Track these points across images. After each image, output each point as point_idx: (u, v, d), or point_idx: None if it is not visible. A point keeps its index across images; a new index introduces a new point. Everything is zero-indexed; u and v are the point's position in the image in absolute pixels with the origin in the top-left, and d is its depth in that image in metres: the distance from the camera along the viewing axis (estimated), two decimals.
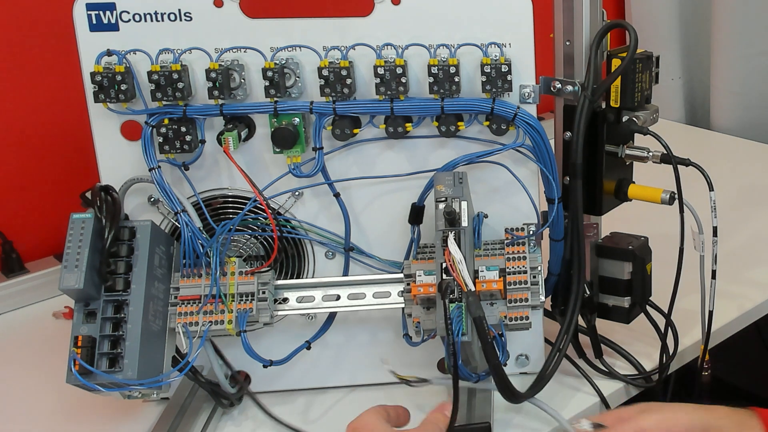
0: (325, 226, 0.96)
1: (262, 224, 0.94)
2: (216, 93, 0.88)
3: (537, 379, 0.92)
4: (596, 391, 1.00)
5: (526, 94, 0.90)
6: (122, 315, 0.85)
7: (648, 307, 1.01)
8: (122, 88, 0.88)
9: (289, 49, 0.89)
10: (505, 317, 0.87)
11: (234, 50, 0.89)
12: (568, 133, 0.92)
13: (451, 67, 0.87)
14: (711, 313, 0.99)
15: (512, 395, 0.87)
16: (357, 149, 0.93)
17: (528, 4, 0.87)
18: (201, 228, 0.90)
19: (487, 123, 0.89)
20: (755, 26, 1.77)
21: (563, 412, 0.94)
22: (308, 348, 0.97)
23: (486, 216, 0.93)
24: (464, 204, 0.85)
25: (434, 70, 0.87)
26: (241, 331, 0.88)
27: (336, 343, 0.99)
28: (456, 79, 0.87)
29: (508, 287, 0.87)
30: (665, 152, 0.94)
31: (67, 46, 0.90)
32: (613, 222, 1.00)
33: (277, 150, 0.91)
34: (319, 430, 0.95)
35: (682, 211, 0.94)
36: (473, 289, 0.82)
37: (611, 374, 1.02)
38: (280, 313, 0.93)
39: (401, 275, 0.92)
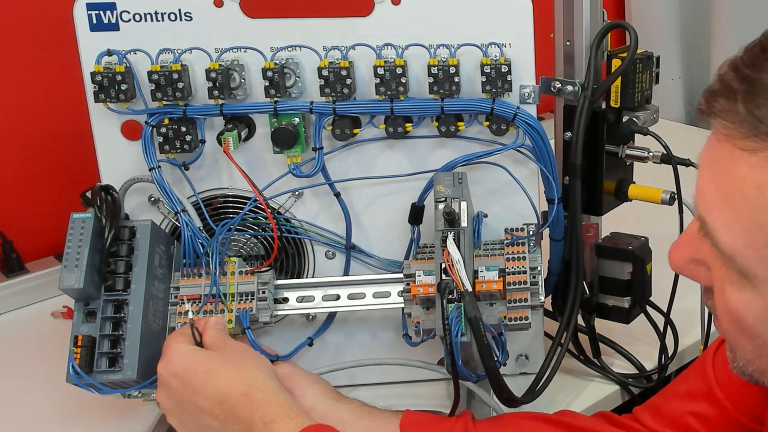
0: (325, 225, 0.96)
1: (262, 224, 0.94)
2: (216, 93, 0.88)
3: (534, 381, 0.93)
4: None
5: (526, 94, 0.90)
6: (122, 314, 0.85)
7: (648, 307, 1.01)
8: (122, 87, 0.88)
9: (289, 49, 0.89)
10: (505, 317, 0.87)
11: (234, 50, 0.89)
12: (568, 133, 0.92)
13: (451, 68, 0.87)
14: (711, 313, 0.99)
15: (508, 399, 0.87)
16: (357, 149, 0.93)
17: (528, 4, 0.87)
18: (201, 228, 0.91)
19: (487, 123, 0.89)
20: (755, 26, 1.76)
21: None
22: (310, 344, 0.97)
23: (486, 216, 0.93)
24: (464, 204, 0.85)
25: (434, 70, 0.87)
26: (246, 328, 0.88)
27: (336, 342, 0.99)
28: (456, 80, 0.87)
29: (507, 287, 0.87)
30: (665, 152, 0.94)
31: (68, 46, 0.90)
32: (613, 222, 1.00)
33: (277, 150, 0.91)
34: None
35: (681, 211, 0.94)
36: (470, 289, 0.82)
37: (610, 374, 1.02)
38: (280, 312, 0.93)
39: (401, 275, 0.92)
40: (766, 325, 0.59)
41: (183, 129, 0.90)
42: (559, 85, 0.91)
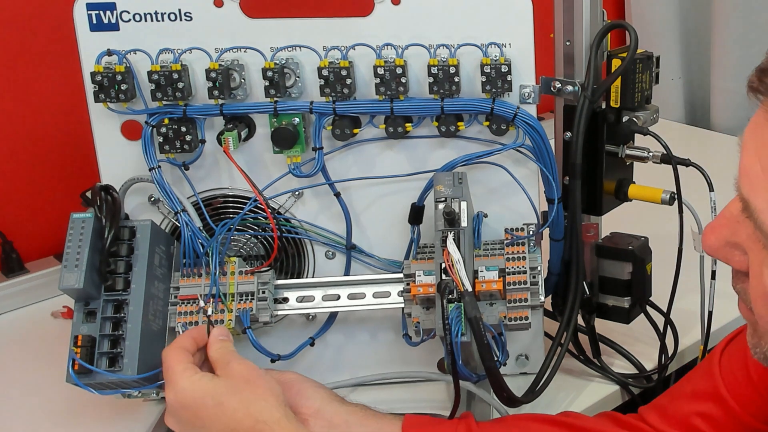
0: (325, 225, 0.96)
1: (262, 224, 0.94)
2: (216, 93, 0.88)
3: (534, 381, 0.92)
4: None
5: (526, 94, 0.90)
6: (122, 314, 0.86)
7: (648, 307, 1.01)
8: (122, 87, 0.88)
9: (289, 49, 0.89)
10: (505, 317, 0.87)
11: (234, 50, 0.89)
12: (568, 133, 0.92)
13: (451, 67, 0.87)
14: (711, 313, 0.99)
15: (508, 399, 0.87)
16: (357, 149, 0.93)
17: (528, 4, 0.87)
18: (201, 228, 0.91)
19: (487, 123, 0.89)
20: (755, 26, 1.77)
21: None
22: (312, 344, 0.97)
23: (486, 216, 0.93)
24: (464, 204, 0.85)
25: (434, 70, 0.87)
26: (247, 328, 0.89)
27: (336, 342, 1.00)
28: (456, 79, 0.87)
29: (507, 287, 0.87)
30: (665, 152, 0.94)
31: (68, 46, 0.90)
32: (613, 222, 1.00)
33: (277, 150, 0.91)
34: None
35: (681, 211, 0.94)
36: (470, 289, 0.82)
37: (610, 374, 1.02)
38: (280, 312, 0.93)
39: (401, 275, 0.92)
40: None
41: (183, 129, 0.90)
42: (559, 85, 0.92)
